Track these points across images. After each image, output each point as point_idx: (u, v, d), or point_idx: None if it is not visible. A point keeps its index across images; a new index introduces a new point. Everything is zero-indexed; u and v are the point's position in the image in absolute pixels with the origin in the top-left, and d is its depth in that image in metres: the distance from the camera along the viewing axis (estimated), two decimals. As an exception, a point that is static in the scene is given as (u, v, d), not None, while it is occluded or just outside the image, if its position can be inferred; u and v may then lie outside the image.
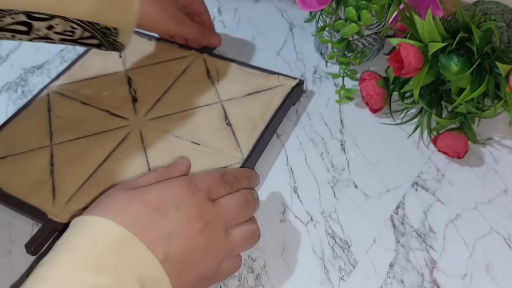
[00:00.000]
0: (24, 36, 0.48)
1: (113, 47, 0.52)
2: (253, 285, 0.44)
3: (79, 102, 0.57)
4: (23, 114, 0.56)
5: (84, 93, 0.58)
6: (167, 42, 0.63)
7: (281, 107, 0.54)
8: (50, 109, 0.56)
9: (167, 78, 0.58)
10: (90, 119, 0.55)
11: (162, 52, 0.62)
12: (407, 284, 0.43)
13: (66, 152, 0.52)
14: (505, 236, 0.46)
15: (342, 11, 0.53)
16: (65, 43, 0.50)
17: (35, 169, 0.51)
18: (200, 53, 0.61)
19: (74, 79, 0.60)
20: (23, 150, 0.52)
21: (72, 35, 0.49)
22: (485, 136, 0.53)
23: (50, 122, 0.55)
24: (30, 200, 0.48)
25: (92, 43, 0.50)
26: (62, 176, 0.50)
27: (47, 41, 0.49)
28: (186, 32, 0.59)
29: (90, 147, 0.52)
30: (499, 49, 0.47)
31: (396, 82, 0.52)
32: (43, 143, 0.53)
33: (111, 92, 0.58)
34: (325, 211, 0.49)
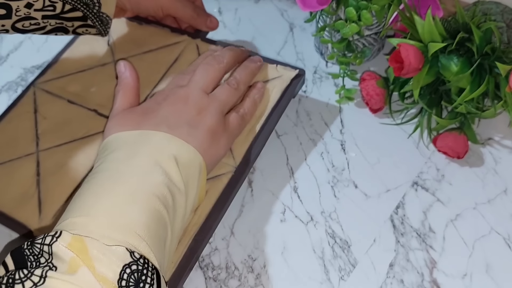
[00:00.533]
0: (6, 21, 0.46)
1: (100, 19, 0.50)
2: (253, 285, 0.44)
3: (65, 101, 0.54)
4: (10, 115, 0.54)
5: (71, 90, 0.55)
6: (158, 26, 0.58)
7: (279, 103, 0.51)
8: (37, 110, 0.54)
9: (157, 69, 0.55)
10: (77, 119, 0.53)
11: (152, 38, 0.58)
12: (407, 284, 0.43)
13: (52, 160, 0.50)
14: (505, 236, 0.46)
15: (342, 11, 0.53)
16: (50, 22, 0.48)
17: (21, 179, 0.49)
18: (193, 38, 0.57)
19: (62, 73, 0.57)
20: (9, 159, 0.51)
21: (53, 10, 0.47)
22: (485, 136, 0.53)
23: (36, 125, 0.53)
24: (16, 215, 0.47)
25: (76, 15, 0.48)
26: (49, 188, 0.48)
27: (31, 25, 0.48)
28: (180, 7, 0.56)
29: (76, 153, 0.50)
30: (499, 49, 0.47)
31: (396, 82, 0.52)
32: (30, 150, 0.51)
33: (98, 87, 0.55)
34: (325, 211, 0.49)
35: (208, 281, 0.45)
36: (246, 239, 0.47)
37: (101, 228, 0.34)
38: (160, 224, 0.37)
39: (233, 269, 0.45)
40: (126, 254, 0.33)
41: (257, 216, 0.49)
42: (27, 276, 0.31)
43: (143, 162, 0.40)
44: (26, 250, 0.33)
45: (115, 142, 0.42)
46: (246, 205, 0.50)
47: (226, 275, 0.45)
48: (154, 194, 0.38)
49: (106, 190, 0.38)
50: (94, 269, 0.31)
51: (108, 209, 0.36)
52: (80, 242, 0.32)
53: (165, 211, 0.38)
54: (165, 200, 0.38)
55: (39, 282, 0.30)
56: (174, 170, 0.40)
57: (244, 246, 0.47)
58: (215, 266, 0.46)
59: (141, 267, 0.33)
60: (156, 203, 0.37)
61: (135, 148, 0.41)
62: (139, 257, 0.33)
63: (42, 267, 0.31)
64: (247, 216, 0.49)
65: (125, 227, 0.35)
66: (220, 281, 0.45)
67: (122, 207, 0.36)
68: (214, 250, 0.47)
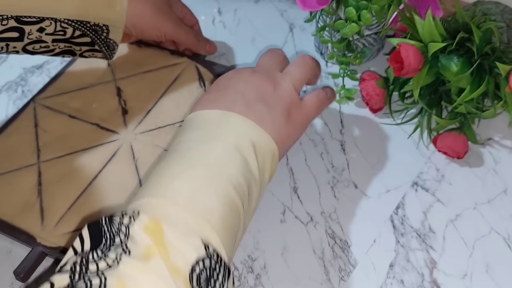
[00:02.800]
0: (17, 43, 0.48)
1: (107, 45, 0.52)
2: (253, 285, 0.44)
3: (67, 116, 0.54)
4: (9, 129, 0.54)
5: (72, 105, 0.55)
6: (157, 49, 0.60)
7: None
8: (37, 124, 0.54)
9: (158, 88, 0.56)
10: (78, 133, 0.53)
11: (152, 59, 0.59)
12: (407, 284, 0.43)
13: (54, 170, 0.50)
14: (505, 236, 0.46)
15: (342, 11, 0.53)
16: (59, 45, 0.50)
17: (23, 189, 0.49)
18: (192, 60, 0.59)
19: (62, 90, 0.57)
20: (10, 169, 0.50)
21: (64, 34, 0.49)
22: (485, 136, 0.53)
23: (37, 138, 0.53)
24: (18, 223, 0.46)
25: (85, 41, 0.50)
26: (51, 196, 0.48)
27: (41, 48, 0.50)
28: (182, 33, 0.57)
29: (79, 164, 0.50)
30: (499, 50, 0.47)
31: (396, 82, 0.52)
32: (31, 161, 0.51)
33: (100, 103, 0.55)
34: (325, 211, 0.49)
35: (208, 282, 0.45)
36: (246, 239, 0.47)
37: (178, 212, 0.34)
38: (235, 216, 0.37)
39: (233, 270, 0.45)
40: (201, 247, 0.32)
41: (257, 216, 0.49)
42: (101, 257, 0.31)
43: (223, 146, 0.39)
44: (104, 226, 0.33)
45: (196, 121, 0.42)
46: (246, 205, 0.50)
47: (226, 275, 0.45)
48: (231, 182, 0.37)
49: (183, 171, 0.37)
50: (168, 257, 0.31)
51: (185, 193, 0.35)
52: (157, 226, 0.32)
53: (240, 202, 0.37)
54: (242, 190, 0.38)
55: (113, 264, 0.30)
56: (252, 157, 0.39)
57: (244, 246, 0.47)
58: (215, 266, 0.46)
59: (214, 263, 0.33)
60: (232, 193, 0.37)
61: (215, 129, 0.40)
62: (213, 252, 0.33)
63: (116, 250, 0.31)
64: (247, 216, 0.49)
65: (201, 215, 0.34)
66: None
67: (199, 192, 0.36)
68: (214, 251, 0.47)
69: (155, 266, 0.30)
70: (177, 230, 0.32)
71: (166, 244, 0.32)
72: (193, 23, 0.61)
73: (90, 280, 0.29)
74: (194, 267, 0.32)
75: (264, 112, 0.42)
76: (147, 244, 0.31)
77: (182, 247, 0.32)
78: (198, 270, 0.32)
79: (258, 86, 0.43)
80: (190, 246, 0.32)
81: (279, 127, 0.42)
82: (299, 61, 0.47)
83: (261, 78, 0.44)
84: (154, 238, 0.32)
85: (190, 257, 0.32)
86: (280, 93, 0.44)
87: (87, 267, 0.30)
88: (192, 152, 0.39)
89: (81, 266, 0.30)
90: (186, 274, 0.31)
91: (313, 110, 0.46)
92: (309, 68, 0.47)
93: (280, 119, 0.42)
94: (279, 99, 0.43)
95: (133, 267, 0.30)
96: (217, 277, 0.32)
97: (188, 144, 0.40)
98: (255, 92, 0.43)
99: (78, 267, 0.30)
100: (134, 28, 0.54)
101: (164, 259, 0.31)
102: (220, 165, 0.38)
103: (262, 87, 0.43)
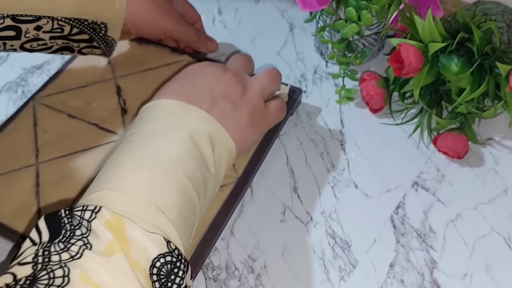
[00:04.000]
0: (15, 41, 0.48)
1: (105, 42, 0.51)
2: (253, 285, 0.44)
3: (66, 115, 0.54)
4: (8, 129, 0.54)
5: (72, 104, 0.55)
6: (158, 46, 0.59)
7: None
8: (36, 123, 0.54)
9: (157, 87, 0.54)
10: (77, 133, 0.52)
11: (152, 57, 0.58)
12: (407, 284, 0.43)
13: (52, 171, 0.50)
14: (505, 236, 0.46)
15: (342, 11, 0.53)
16: (57, 42, 0.50)
17: (21, 190, 0.48)
18: (192, 57, 0.58)
19: (62, 88, 0.57)
20: (8, 170, 0.50)
21: (61, 32, 0.49)
22: (485, 136, 0.53)
23: (36, 138, 0.52)
24: (15, 225, 0.46)
25: (83, 38, 0.50)
26: (49, 198, 0.48)
27: (39, 45, 0.49)
28: (182, 31, 0.57)
29: (77, 165, 0.50)
30: (499, 49, 0.47)
31: (396, 82, 0.52)
32: (29, 162, 0.50)
33: (99, 102, 0.55)
34: (325, 211, 0.49)
35: (208, 282, 0.45)
36: (246, 239, 0.47)
37: (138, 208, 0.34)
38: (191, 210, 0.37)
39: (233, 270, 0.45)
40: (163, 243, 0.33)
41: (257, 216, 0.49)
42: (64, 250, 0.31)
43: (180, 139, 0.39)
44: (64, 218, 0.33)
45: (156, 110, 0.41)
46: (246, 205, 0.50)
47: (226, 275, 0.45)
48: (188, 177, 0.37)
49: (140, 163, 0.37)
50: (129, 252, 0.32)
51: (143, 187, 0.35)
52: (118, 222, 0.32)
53: (196, 196, 0.37)
54: (198, 185, 0.38)
55: (76, 256, 0.31)
56: (209, 153, 0.40)
57: (244, 246, 0.47)
58: (215, 266, 0.46)
59: (175, 259, 0.33)
60: (189, 187, 0.37)
61: (174, 121, 0.40)
62: (174, 248, 0.33)
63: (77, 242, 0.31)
64: (247, 216, 0.49)
65: (160, 210, 0.34)
66: (220, 282, 0.45)
67: (157, 186, 0.36)
68: (214, 251, 0.47)
69: (117, 262, 0.31)
70: (139, 227, 0.33)
71: (128, 239, 0.32)
72: (195, 19, 0.60)
73: (53, 271, 0.30)
74: (155, 262, 0.32)
75: (228, 111, 0.42)
76: (110, 240, 0.32)
77: (144, 243, 0.32)
78: (159, 265, 0.32)
79: (228, 85, 0.44)
80: (152, 242, 0.32)
81: (241, 128, 0.43)
82: (270, 72, 0.48)
83: (232, 78, 0.44)
84: (116, 234, 0.32)
85: (152, 252, 0.32)
86: (248, 96, 0.44)
87: (50, 258, 0.31)
88: (150, 144, 0.38)
89: (43, 258, 0.31)
90: (147, 269, 0.32)
91: (275, 116, 0.48)
92: (277, 81, 0.48)
93: (243, 121, 0.43)
94: (246, 102, 0.44)
95: (95, 261, 0.31)
96: (177, 272, 0.33)
97: (145, 136, 0.39)
98: (223, 89, 0.43)
99: (40, 258, 0.31)
100: (133, 25, 0.53)
101: (126, 255, 0.31)
102: (177, 158, 0.38)
103: (231, 87, 0.44)
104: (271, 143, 0.51)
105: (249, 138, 0.45)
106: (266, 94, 0.47)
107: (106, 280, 0.30)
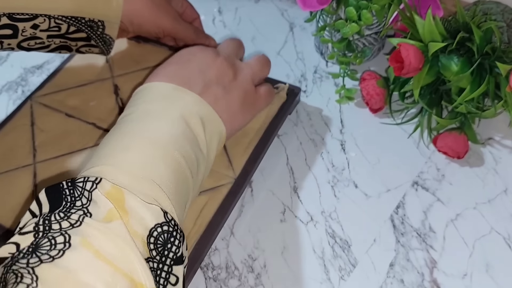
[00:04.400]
0: (12, 40, 0.48)
1: (103, 40, 0.51)
2: (253, 285, 0.44)
3: (63, 115, 0.54)
4: (6, 128, 0.53)
5: (69, 103, 0.55)
6: (156, 44, 0.59)
7: (276, 118, 0.51)
8: (34, 123, 0.53)
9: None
10: (75, 133, 0.52)
11: (151, 56, 0.58)
12: (407, 284, 0.43)
13: (50, 171, 0.49)
14: (505, 236, 0.46)
15: (342, 11, 0.53)
16: (54, 41, 0.50)
17: (18, 191, 0.48)
18: None
19: (59, 87, 0.57)
20: (5, 170, 0.50)
21: (58, 30, 0.49)
22: (485, 136, 0.53)
23: (33, 138, 0.52)
24: (13, 226, 0.46)
25: (80, 36, 0.50)
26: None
27: (36, 44, 0.49)
28: (180, 29, 0.56)
29: (75, 165, 0.50)
30: (499, 49, 0.47)
31: (396, 82, 0.52)
32: (26, 162, 0.50)
33: (97, 102, 0.55)
34: (325, 211, 0.49)
35: (208, 281, 0.45)
36: (246, 239, 0.47)
37: (134, 181, 0.35)
38: (185, 187, 0.38)
39: (233, 269, 0.45)
40: (160, 214, 0.34)
41: (257, 216, 0.49)
42: (63, 218, 0.32)
43: (174, 120, 0.40)
44: (65, 190, 0.34)
45: (149, 93, 0.43)
46: (246, 205, 0.50)
47: (226, 275, 0.45)
48: (182, 154, 0.38)
49: (135, 140, 0.38)
50: (128, 222, 0.33)
51: (138, 163, 0.36)
52: (118, 192, 0.34)
53: (190, 174, 0.39)
54: (191, 163, 0.39)
55: (76, 224, 0.32)
56: (201, 135, 0.41)
57: (244, 246, 0.47)
58: (215, 266, 0.46)
59: (172, 229, 0.34)
60: (183, 164, 0.38)
61: (168, 103, 0.41)
62: (171, 219, 0.34)
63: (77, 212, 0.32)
64: (247, 216, 0.49)
65: (156, 184, 0.36)
66: (220, 281, 0.45)
67: (152, 163, 0.37)
68: (214, 250, 0.47)
69: (116, 228, 0.32)
70: (137, 198, 0.34)
71: (127, 210, 0.33)
72: (193, 18, 0.60)
73: (54, 238, 0.31)
74: (152, 231, 0.33)
75: (220, 95, 0.44)
76: (109, 208, 0.33)
77: (142, 213, 0.33)
78: (156, 234, 0.33)
79: (220, 69, 0.45)
80: (150, 212, 0.34)
81: (232, 112, 0.45)
82: (261, 58, 0.50)
83: (224, 62, 0.46)
84: (116, 203, 0.33)
85: (150, 222, 0.33)
86: (239, 80, 0.46)
87: (50, 226, 0.32)
88: (145, 123, 0.40)
89: (44, 226, 0.32)
90: (144, 237, 0.33)
91: (265, 101, 0.49)
92: (267, 67, 0.50)
93: (234, 105, 0.45)
94: (237, 86, 0.46)
95: (95, 228, 0.32)
96: (174, 241, 0.34)
97: (140, 115, 0.41)
98: (215, 74, 0.45)
99: (41, 227, 0.32)
100: (131, 24, 0.53)
101: (125, 222, 0.32)
102: (172, 137, 0.39)
103: (223, 71, 0.45)
104: (269, 143, 0.51)
105: (239, 121, 0.46)
106: (257, 79, 0.49)
107: (105, 245, 0.31)
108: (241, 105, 0.46)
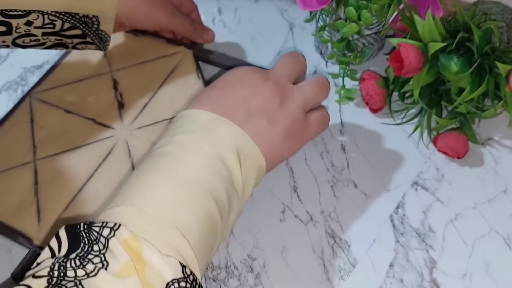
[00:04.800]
0: (6, 37, 0.47)
1: (99, 37, 0.51)
2: (253, 285, 0.44)
3: (62, 111, 0.54)
4: (6, 126, 0.53)
5: (68, 99, 0.55)
6: (154, 37, 0.58)
7: None
8: (33, 119, 0.53)
9: (154, 79, 0.55)
10: (74, 129, 0.52)
11: (149, 49, 0.57)
12: (406, 284, 0.43)
13: (50, 168, 0.49)
14: (504, 236, 0.46)
15: (342, 11, 0.53)
16: (50, 39, 0.49)
17: (19, 188, 0.48)
18: (189, 48, 0.57)
19: (58, 83, 0.56)
20: (6, 168, 0.50)
21: (53, 27, 0.48)
22: (485, 136, 0.53)
23: (33, 134, 0.52)
24: (15, 224, 0.46)
25: (76, 33, 0.49)
26: (47, 196, 0.47)
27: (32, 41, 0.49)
28: (177, 23, 0.55)
29: (75, 162, 0.50)
30: (499, 49, 0.47)
31: (396, 82, 0.52)
32: (27, 159, 0.50)
33: (96, 97, 0.54)
34: (324, 210, 0.49)
35: (208, 281, 0.45)
36: (246, 239, 0.47)
37: (157, 229, 0.34)
38: (212, 233, 0.36)
39: (232, 269, 0.45)
40: (179, 268, 0.32)
41: (256, 216, 0.49)
42: (79, 266, 0.31)
43: (208, 156, 0.38)
44: (82, 232, 0.33)
45: (187, 122, 0.40)
46: (246, 204, 0.49)
47: (225, 274, 0.45)
48: (213, 197, 0.36)
49: (164, 180, 0.36)
50: (144, 273, 0.31)
51: (165, 207, 0.35)
52: (136, 242, 0.32)
53: (220, 219, 0.37)
54: (222, 207, 0.37)
55: (91, 274, 0.31)
56: (237, 172, 0.38)
57: (244, 246, 0.47)
58: (215, 266, 0.46)
59: (190, 285, 0.32)
60: (213, 209, 0.36)
61: (204, 135, 0.39)
62: (189, 274, 0.33)
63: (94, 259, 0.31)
64: (247, 216, 0.49)
65: (180, 232, 0.34)
66: (219, 281, 0.45)
67: (180, 207, 0.35)
68: (214, 250, 0.47)
69: (131, 285, 0.31)
70: (155, 250, 0.32)
71: (144, 261, 0.32)
72: (191, 10, 0.59)
73: (67, 287, 0.30)
74: (169, 286, 0.32)
75: (263, 126, 0.41)
76: (126, 261, 0.31)
77: (159, 266, 0.32)
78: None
79: (266, 97, 0.42)
80: (168, 266, 0.32)
81: (275, 144, 0.41)
82: (319, 81, 0.45)
83: (272, 88, 0.42)
84: (132, 254, 0.32)
85: (167, 276, 0.32)
86: (287, 108, 0.42)
87: (65, 273, 0.31)
88: (176, 160, 0.38)
89: (59, 272, 0.31)
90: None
91: (316, 130, 0.45)
92: (325, 92, 0.46)
93: (278, 136, 0.41)
94: (283, 115, 0.42)
95: (109, 282, 0.30)
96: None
97: (173, 149, 0.39)
98: (260, 102, 0.41)
99: (55, 273, 0.31)
100: (127, 19, 0.52)
101: (141, 277, 0.31)
102: (204, 177, 0.37)
103: (269, 99, 0.42)
104: None
105: (283, 154, 0.43)
106: (309, 106, 0.44)
107: None
108: (286, 136, 0.42)
